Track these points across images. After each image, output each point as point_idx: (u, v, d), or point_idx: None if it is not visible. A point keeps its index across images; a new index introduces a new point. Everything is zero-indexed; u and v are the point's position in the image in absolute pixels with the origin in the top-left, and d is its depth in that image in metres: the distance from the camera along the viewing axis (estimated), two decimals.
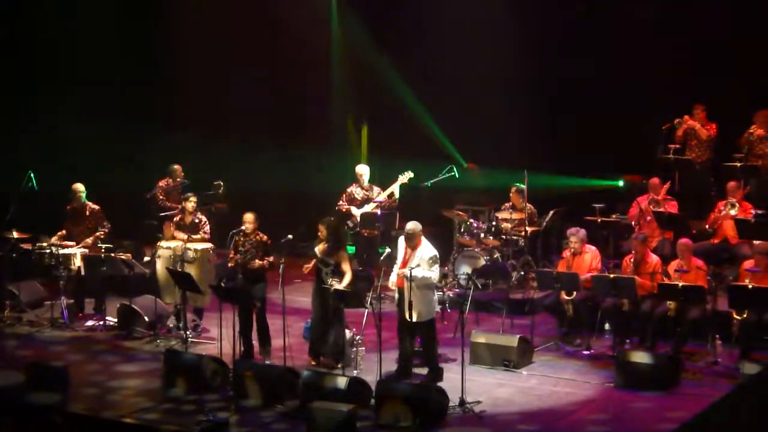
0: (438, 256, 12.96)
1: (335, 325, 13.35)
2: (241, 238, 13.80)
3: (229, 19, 19.45)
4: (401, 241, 13.08)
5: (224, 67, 19.54)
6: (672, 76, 17.10)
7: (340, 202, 16.67)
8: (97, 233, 15.74)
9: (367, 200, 16.56)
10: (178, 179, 17.46)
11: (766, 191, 16.12)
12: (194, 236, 14.95)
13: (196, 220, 15.16)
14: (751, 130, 16.17)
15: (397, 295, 13.01)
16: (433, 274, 12.77)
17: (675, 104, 16.93)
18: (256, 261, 13.70)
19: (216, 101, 19.44)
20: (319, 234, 13.53)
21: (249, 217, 13.84)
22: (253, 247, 13.76)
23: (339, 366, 13.05)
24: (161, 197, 17.29)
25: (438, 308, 13.25)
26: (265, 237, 13.86)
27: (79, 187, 15.83)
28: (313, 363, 13.43)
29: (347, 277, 13.39)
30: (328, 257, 13.43)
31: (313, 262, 13.55)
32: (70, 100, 18.86)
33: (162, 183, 17.45)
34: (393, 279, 13.08)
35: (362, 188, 16.70)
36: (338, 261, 13.43)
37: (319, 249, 13.51)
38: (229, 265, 13.97)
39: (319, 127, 19.73)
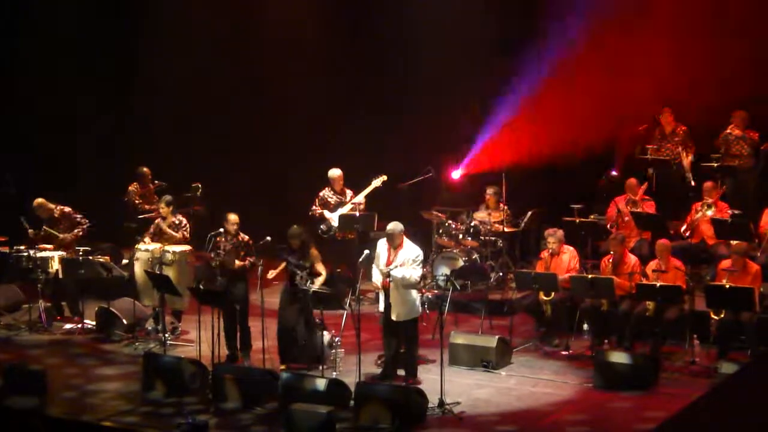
0: (422, 255, 12.99)
1: (310, 328, 13.37)
2: (223, 239, 13.81)
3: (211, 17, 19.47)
4: (382, 243, 13.07)
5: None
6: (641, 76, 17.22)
7: (314, 207, 16.55)
8: (76, 230, 15.69)
9: (341, 204, 16.44)
10: (150, 183, 17.36)
11: (743, 191, 16.17)
12: (175, 234, 14.94)
13: (177, 222, 15.14)
14: (729, 131, 16.19)
15: (382, 296, 13.00)
16: (415, 273, 12.78)
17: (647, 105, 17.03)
18: (237, 261, 13.70)
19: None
20: (293, 246, 13.55)
21: (233, 217, 13.87)
22: (235, 248, 13.76)
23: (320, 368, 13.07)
24: (137, 201, 17.20)
25: (419, 309, 13.24)
26: (247, 237, 13.87)
27: (39, 200, 15.69)
28: (282, 368, 13.34)
29: (321, 278, 13.48)
30: (303, 261, 13.46)
31: (283, 265, 13.57)
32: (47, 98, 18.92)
33: (132, 188, 17.32)
34: (376, 278, 13.05)
35: (336, 192, 16.56)
36: (311, 262, 13.46)
37: (293, 256, 13.55)
38: (213, 264, 13.94)
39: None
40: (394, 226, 12.96)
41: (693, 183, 15.80)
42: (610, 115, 16.97)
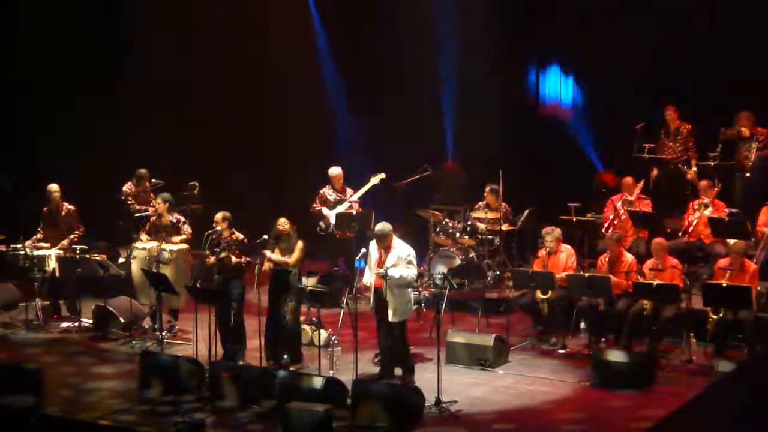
0: (414, 254, 12.96)
1: (291, 325, 13.36)
2: (218, 237, 13.80)
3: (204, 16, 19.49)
4: (373, 244, 13.04)
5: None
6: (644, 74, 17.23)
7: (314, 205, 16.59)
8: (71, 236, 15.71)
9: (340, 202, 16.46)
10: (148, 183, 17.30)
11: (749, 191, 16.05)
12: (174, 238, 14.90)
13: (174, 220, 15.10)
14: (740, 131, 15.98)
15: (374, 296, 12.97)
16: (410, 272, 12.75)
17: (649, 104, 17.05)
18: (232, 258, 13.69)
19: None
20: (280, 229, 13.53)
21: (218, 216, 13.84)
22: (229, 246, 13.75)
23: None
24: (129, 202, 17.11)
25: (414, 308, 13.22)
26: (242, 236, 13.84)
27: (54, 186, 15.79)
28: (267, 364, 13.33)
29: (293, 257, 13.45)
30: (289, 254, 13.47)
31: (268, 264, 13.56)
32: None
33: (126, 188, 17.27)
34: (367, 279, 13.02)
35: (336, 190, 16.59)
36: (292, 248, 13.51)
37: (276, 252, 13.50)
38: (208, 261, 13.92)
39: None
40: (383, 226, 12.90)
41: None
42: None
